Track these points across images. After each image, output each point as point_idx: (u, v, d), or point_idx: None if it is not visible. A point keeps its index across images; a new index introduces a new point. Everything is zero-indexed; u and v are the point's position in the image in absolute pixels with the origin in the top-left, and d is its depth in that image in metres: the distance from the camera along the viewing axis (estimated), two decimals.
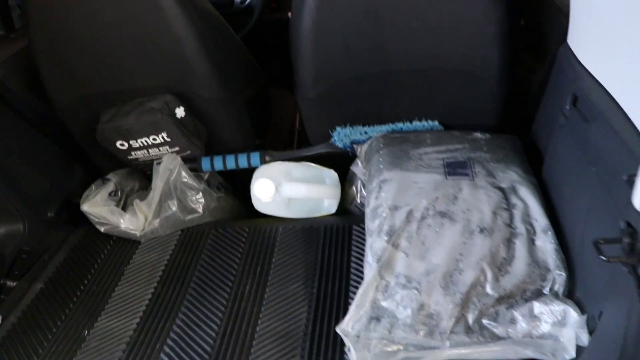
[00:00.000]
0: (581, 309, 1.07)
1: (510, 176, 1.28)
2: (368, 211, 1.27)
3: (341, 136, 1.53)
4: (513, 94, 1.52)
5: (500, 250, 1.14)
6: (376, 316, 1.11)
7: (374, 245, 1.17)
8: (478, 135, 1.42)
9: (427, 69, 1.41)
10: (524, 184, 1.26)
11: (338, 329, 1.10)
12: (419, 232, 1.17)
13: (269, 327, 1.21)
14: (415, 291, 1.10)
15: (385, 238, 1.17)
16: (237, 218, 1.65)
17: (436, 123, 1.53)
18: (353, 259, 1.36)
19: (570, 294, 1.12)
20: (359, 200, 1.56)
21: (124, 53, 1.45)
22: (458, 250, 1.14)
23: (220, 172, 1.68)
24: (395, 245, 1.16)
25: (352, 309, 1.11)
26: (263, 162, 1.61)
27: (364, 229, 1.43)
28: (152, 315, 1.29)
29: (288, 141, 2.06)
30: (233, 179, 1.75)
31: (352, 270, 1.33)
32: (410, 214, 1.19)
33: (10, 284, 1.42)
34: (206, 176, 1.64)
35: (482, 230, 1.16)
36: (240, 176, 1.67)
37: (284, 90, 2.11)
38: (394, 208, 1.21)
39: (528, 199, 1.23)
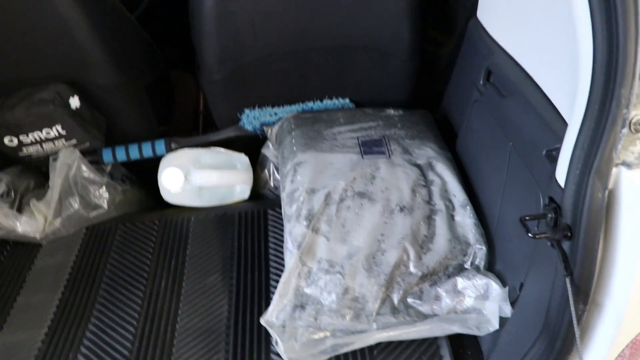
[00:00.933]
0: (502, 281, 1.08)
1: (426, 152, 1.27)
2: (284, 195, 1.22)
3: (250, 119, 1.47)
4: (422, 69, 1.51)
5: (421, 228, 1.13)
6: (300, 304, 1.07)
7: (293, 230, 1.13)
8: (391, 111, 1.41)
9: (337, 46, 1.37)
10: (440, 160, 1.26)
11: (262, 321, 1.06)
12: (339, 215, 1.14)
13: (190, 324, 1.15)
14: (338, 275, 1.08)
15: (305, 223, 1.13)
16: (145, 211, 1.55)
17: (347, 101, 1.50)
18: (271, 245, 1.32)
19: (490, 267, 1.13)
20: (272, 184, 1.51)
21: (4, 39, 1.30)
22: (379, 230, 1.12)
23: (123, 164, 1.57)
24: (315, 230, 1.12)
25: (275, 298, 1.07)
26: (169, 149, 1.52)
27: (279, 213, 1.40)
28: (61, 323, 1.18)
29: (193, 125, 1.97)
30: (138, 169, 1.64)
31: (271, 257, 1.28)
32: (328, 196, 1.16)
33: None
34: (108, 168, 1.53)
35: (402, 209, 1.15)
36: (145, 166, 1.57)
37: (184, 73, 2.01)
38: (311, 191, 1.17)
39: (445, 175, 1.23)
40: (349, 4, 1.31)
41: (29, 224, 1.34)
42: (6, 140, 1.39)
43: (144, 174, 1.62)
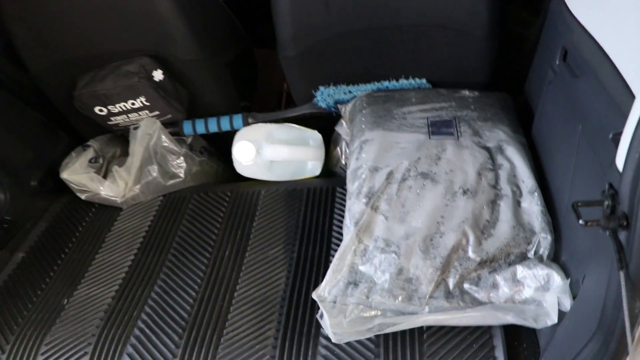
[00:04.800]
0: (566, 273, 1.03)
1: (497, 135, 1.23)
2: (348, 172, 1.23)
3: (324, 96, 1.47)
4: (506, 50, 1.45)
5: (483, 213, 1.10)
6: (354, 281, 1.07)
7: (352, 207, 1.13)
8: (466, 93, 1.37)
9: (412, 24, 1.34)
10: (511, 144, 1.21)
11: (314, 295, 1.07)
12: (399, 194, 1.12)
13: (247, 293, 1.18)
14: (394, 255, 1.07)
15: (364, 200, 1.12)
16: (221, 182, 1.61)
17: (424, 81, 1.47)
18: (335, 222, 1.32)
19: (556, 258, 1.08)
20: (343, 162, 1.51)
21: (95, 16, 1.39)
22: (439, 212, 1.09)
23: (203, 136, 1.64)
24: (375, 208, 1.11)
25: (329, 273, 1.08)
26: (246, 124, 1.56)
27: None
28: (130, 282, 1.26)
29: (277, 103, 2.00)
30: (217, 142, 1.70)
31: (334, 234, 1.29)
32: (390, 175, 1.15)
33: None
34: (189, 140, 1.60)
35: (465, 192, 1.11)
36: (224, 139, 1.63)
37: (271, 51, 2.04)
38: (374, 169, 1.17)
39: (515, 159, 1.18)
40: None
41: (111, 189, 1.43)
42: (96, 109, 1.48)
43: (223, 147, 1.68)
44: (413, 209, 1.10)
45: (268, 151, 1.41)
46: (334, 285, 1.07)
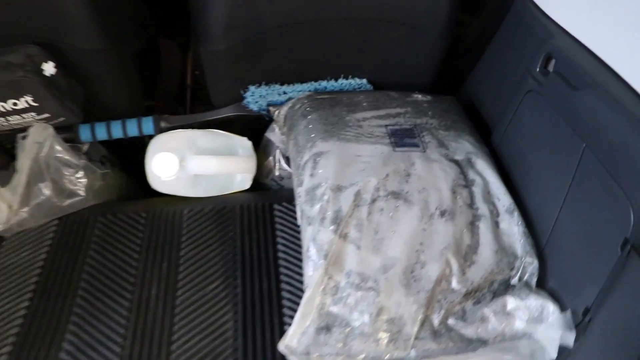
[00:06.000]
0: (557, 301, 0.93)
1: (463, 146, 1.11)
2: (301, 192, 1.04)
3: (255, 97, 1.27)
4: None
5: (464, 237, 0.97)
6: (326, 325, 0.90)
7: (318, 236, 0.95)
8: (419, 96, 1.23)
9: (364, 18, 1.18)
10: (479, 156, 1.09)
11: (281, 347, 0.88)
12: (371, 219, 0.96)
13: (187, 346, 0.95)
14: (372, 292, 0.91)
15: (332, 227, 0.95)
16: (129, 199, 1.35)
17: (364, 81, 1.32)
18: (280, 247, 1.13)
19: (540, 284, 0.98)
20: (277, 173, 1.32)
21: None
22: (418, 239, 0.95)
23: (103, 143, 1.36)
24: (343, 236, 0.95)
25: (297, 319, 0.90)
26: (158, 129, 1.31)
27: (287, 208, 1.22)
28: (28, 340, 0.97)
29: (178, 101, 1.75)
30: (117, 148, 1.43)
31: (281, 263, 1.10)
32: (358, 195, 0.98)
33: None
34: (86, 147, 1.32)
35: (442, 214, 0.98)
36: (125, 145, 1.37)
37: (167, 40, 1.78)
38: (337, 189, 0.99)
39: (486, 174, 1.07)
40: None
41: None
42: None
43: (126, 155, 1.41)
44: (388, 236, 0.95)
45: (193, 163, 1.18)
46: (303, 332, 0.89)
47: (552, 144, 0.96)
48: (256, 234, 1.16)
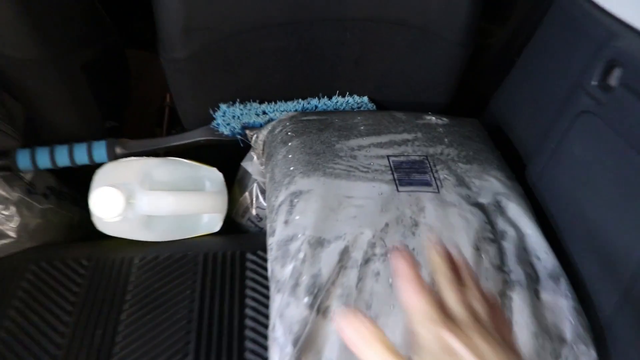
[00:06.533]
0: None
1: (491, 185, 0.84)
2: (273, 244, 0.78)
3: (227, 118, 1.02)
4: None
5: None
6: None
7: (287, 312, 0.69)
8: (432, 119, 0.97)
9: (359, 18, 0.92)
10: (511, 198, 0.82)
11: None
12: (362, 287, 0.70)
13: None
14: None
15: (306, 300, 0.69)
16: (75, 241, 1.10)
17: (365, 99, 1.07)
18: (249, 312, 0.87)
19: None
20: (254, 212, 1.07)
21: None
22: None
23: (53, 171, 1.12)
24: (323, 312, 0.68)
25: None
26: (112, 156, 1.07)
27: (263, 258, 0.96)
28: None
29: (157, 123, 1.51)
30: (73, 178, 1.19)
31: (248, 334, 0.84)
32: (345, 253, 0.72)
33: None
34: (28, 177, 1.07)
35: None
36: (82, 173, 1.12)
37: (150, 53, 1.54)
38: (318, 243, 0.73)
39: (521, 223, 0.80)
40: None
41: None
42: None
43: (81, 185, 1.17)
44: (385, 312, 0.68)
45: (144, 201, 0.93)
46: None
47: (619, 185, 0.69)
48: (220, 293, 0.90)
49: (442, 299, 0.45)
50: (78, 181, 1.14)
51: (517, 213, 0.80)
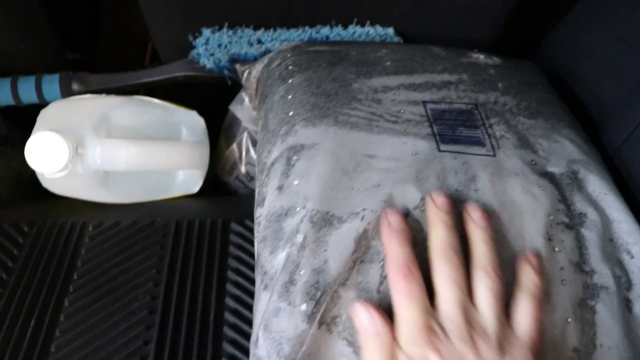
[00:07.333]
0: None
1: (562, 148, 0.61)
2: (261, 217, 0.56)
3: (211, 47, 0.79)
4: None
5: (568, 332, 0.49)
6: None
7: (275, 322, 0.47)
8: (480, 57, 0.74)
9: None
10: (592, 169, 0.60)
11: None
12: (387, 292, 0.48)
13: None
14: None
15: (304, 307, 0.47)
16: (25, 197, 0.90)
17: (390, 31, 0.83)
18: (230, 301, 0.66)
19: None
20: (243, 169, 0.85)
21: None
22: None
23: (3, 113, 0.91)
24: (328, 327, 0.47)
25: None
26: (66, 93, 0.85)
27: (252, 230, 0.74)
28: None
29: (137, 59, 1.28)
30: (25, 121, 0.97)
31: (228, 331, 0.64)
32: (363, 240, 0.50)
33: None
34: None
35: None
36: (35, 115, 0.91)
37: None
38: (325, 222, 0.51)
39: (606, 203, 0.57)
40: None
41: None
42: None
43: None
44: None
45: (98, 152, 0.71)
46: None
47: None
48: (194, 274, 0.69)
49: (436, 301, 0.42)
50: (30, 125, 0.92)
51: (601, 189, 0.58)
